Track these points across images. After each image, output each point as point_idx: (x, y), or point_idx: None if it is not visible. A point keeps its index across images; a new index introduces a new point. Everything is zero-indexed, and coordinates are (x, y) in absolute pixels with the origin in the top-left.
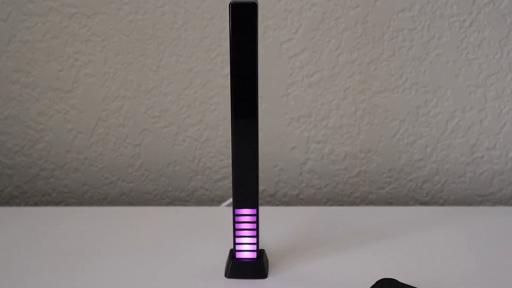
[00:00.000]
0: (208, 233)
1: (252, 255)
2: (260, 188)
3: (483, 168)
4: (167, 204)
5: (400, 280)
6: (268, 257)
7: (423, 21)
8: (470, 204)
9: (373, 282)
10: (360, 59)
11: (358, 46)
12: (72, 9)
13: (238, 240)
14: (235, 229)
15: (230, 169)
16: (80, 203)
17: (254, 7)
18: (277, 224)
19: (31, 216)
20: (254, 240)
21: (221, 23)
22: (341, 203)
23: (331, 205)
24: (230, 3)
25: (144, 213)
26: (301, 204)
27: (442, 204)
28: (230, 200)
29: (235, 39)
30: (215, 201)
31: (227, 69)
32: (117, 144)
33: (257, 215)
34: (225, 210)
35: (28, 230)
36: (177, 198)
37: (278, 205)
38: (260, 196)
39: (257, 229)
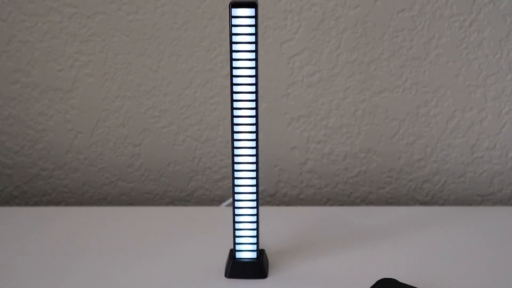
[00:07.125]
0: (208, 233)
1: (252, 255)
2: (260, 188)
3: (483, 168)
4: (167, 204)
5: (400, 280)
6: (268, 257)
7: (423, 21)
8: (470, 204)
9: (373, 282)
10: (360, 59)
11: (358, 46)
12: (72, 9)
13: (238, 240)
14: (235, 229)
15: (230, 169)
16: (80, 203)
17: (254, 7)
18: (277, 224)
19: (31, 216)
20: (254, 240)
21: (221, 23)
22: (341, 203)
23: (331, 205)
24: (230, 3)
25: (144, 213)
26: (301, 204)
27: (442, 204)
28: (230, 200)
29: (235, 39)
30: (215, 201)
31: (227, 69)
32: (117, 144)
33: (257, 215)
34: (225, 210)
35: (28, 230)
36: (177, 198)
37: (278, 205)
38: (260, 196)
39: (257, 229)
